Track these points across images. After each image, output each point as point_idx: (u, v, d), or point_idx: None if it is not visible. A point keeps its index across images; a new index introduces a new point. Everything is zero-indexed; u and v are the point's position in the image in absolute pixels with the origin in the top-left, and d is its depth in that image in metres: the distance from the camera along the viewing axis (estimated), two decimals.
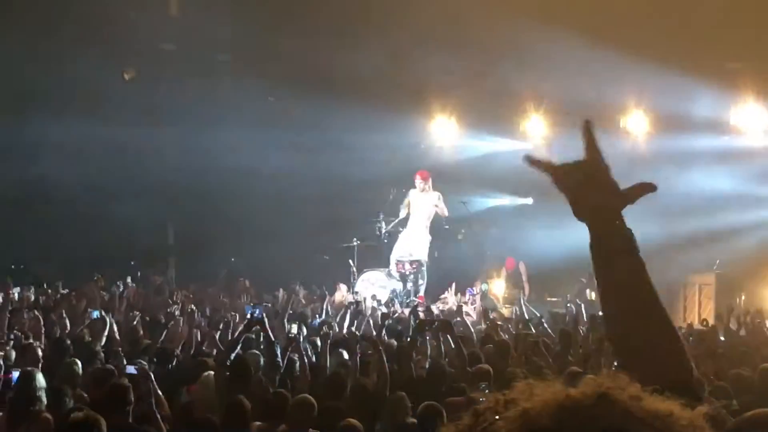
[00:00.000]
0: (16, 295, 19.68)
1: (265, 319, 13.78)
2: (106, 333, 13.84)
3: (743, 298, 23.02)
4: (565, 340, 15.06)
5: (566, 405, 1.57)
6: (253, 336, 13.44)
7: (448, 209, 24.89)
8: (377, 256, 25.41)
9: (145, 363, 11.23)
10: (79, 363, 11.11)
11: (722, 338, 17.36)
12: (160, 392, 9.73)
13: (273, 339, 12.75)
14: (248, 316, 15.64)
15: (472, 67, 24.89)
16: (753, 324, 18.79)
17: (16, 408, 9.39)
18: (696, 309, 23.79)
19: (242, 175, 26.30)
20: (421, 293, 24.17)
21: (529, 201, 28.59)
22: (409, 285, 24.28)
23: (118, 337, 14.21)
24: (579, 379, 1.69)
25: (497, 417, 1.61)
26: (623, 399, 1.57)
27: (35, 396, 9.38)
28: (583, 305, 20.71)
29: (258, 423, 9.32)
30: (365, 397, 10.56)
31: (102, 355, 12.25)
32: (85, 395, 10.10)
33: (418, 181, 24.53)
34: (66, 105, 24.38)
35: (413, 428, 9.12)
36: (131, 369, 10.59)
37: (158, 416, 9.14)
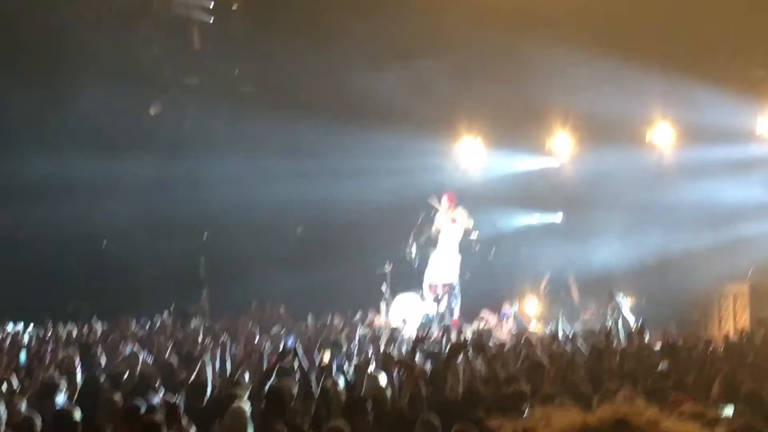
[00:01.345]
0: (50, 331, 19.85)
1: (299, 348, 13.78)
2: (139, 367, 13.89)
3: None
4: (596, 357, 15.01)
5: None
6: (287, 365, 13.43)
7: (477, 229, 24.87)
8: (409, 279, 25.36)
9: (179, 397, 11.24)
10: (117, 398, 11.18)
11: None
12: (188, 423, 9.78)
13: (307, 368, 12.74)
14: (281, 345, 15.69)
15: (496, 86, 24.84)
16: None
17: None
18: (731, 319, 23.62)
19: (271, 204, 26.38)
20: (456, 315, 24.13)
21: (558, 218, 28.50)
22: (443, 307, 24.24)
23: (154, 371, 14.23)
24: (613, 397, 1.68)
25: None
26: (640, 424, 1.56)
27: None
28: (619, 322, 20.61)
29: None
30: (400, 420, 10.55)
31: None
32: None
33: (445, 203, 24.53)
34: (91, 142, 24.67)
35: None
36: (156, 400, 10.64)
37: None
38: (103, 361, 15.24)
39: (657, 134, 25.82)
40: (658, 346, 16.89)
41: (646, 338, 18.42)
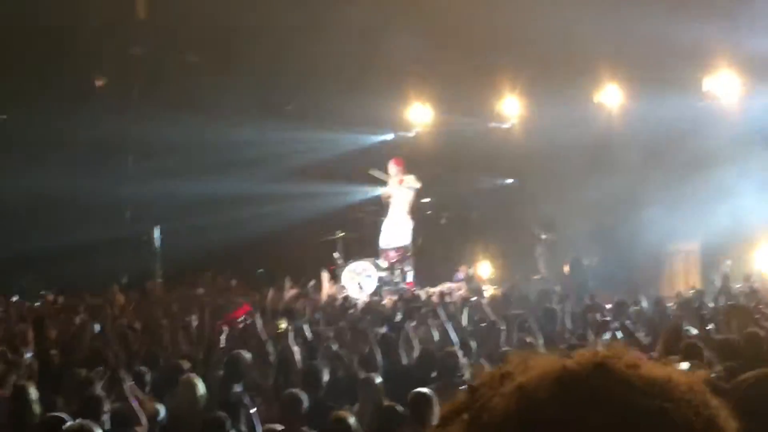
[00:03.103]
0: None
1: (257, 317, 13.78)
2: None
3: (729, 263, 22.89)
4: (550, 317, 15.11)
5: (563, 377, 1.54)
6: (244, 334, 13.45)
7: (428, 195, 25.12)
8: (362, 246, 25.35)
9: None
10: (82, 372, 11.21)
11: (711, 304, 17.36)
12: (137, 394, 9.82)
13: (265, 337, 12.74)
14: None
15: (447, 50, 24.82)
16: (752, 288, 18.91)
17: (14, 421, 9.46)
18: (682, 276, 23.79)
19: (222, 171, 26.23)
20: (410, 279, 24.18)
21: (510, 181, 28.47)
22: (397, 272, 24.26)
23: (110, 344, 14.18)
24: (573, 352, 1.65)
25: (493, 392, 1.57)
26: (620, 367, 1.54)
27: (30, 408, 9.43)
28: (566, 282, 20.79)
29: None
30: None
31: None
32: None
33: (393, 168, 24.50)
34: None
35: (390, 411, 9.03)
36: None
37: (139, 417, 9.21)
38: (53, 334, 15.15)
39: (605, 95, 25.81)
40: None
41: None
